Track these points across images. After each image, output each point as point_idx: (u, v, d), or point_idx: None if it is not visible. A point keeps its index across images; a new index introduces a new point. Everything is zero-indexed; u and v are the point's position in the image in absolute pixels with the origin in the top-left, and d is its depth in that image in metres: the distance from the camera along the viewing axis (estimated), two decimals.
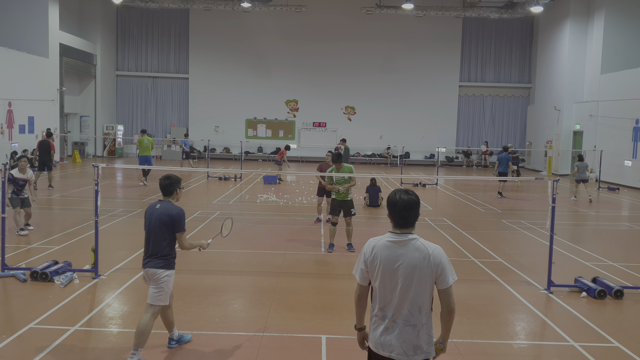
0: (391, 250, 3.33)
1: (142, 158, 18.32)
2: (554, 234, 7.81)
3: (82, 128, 31.27)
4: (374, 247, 3.38)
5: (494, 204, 16.74)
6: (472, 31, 33.11)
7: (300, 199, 16.46)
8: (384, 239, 3.38)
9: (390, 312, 3.33)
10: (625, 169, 23.01)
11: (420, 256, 3.28)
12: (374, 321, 3.42)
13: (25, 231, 10.37)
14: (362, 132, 32.69)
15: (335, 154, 9.93)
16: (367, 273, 3.41)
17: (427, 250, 3.30)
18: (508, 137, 33.62)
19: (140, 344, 5.01)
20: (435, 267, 3.29)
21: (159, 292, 5.17)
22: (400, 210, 3.36)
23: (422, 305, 3.31)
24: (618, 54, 25.05)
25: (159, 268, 5.15)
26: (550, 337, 6.18)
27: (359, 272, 3.46)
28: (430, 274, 3.29)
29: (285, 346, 5.69)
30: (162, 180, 5.36)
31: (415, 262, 3.28)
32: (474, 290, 7.78)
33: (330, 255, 9.64)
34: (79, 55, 29.06)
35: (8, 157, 22.04)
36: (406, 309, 3.30)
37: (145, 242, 5.27)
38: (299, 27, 32.33)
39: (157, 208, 5.25)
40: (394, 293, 3.31)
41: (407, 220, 3.37)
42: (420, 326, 3.31)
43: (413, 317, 3.30)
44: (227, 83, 33.06)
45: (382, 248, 3.35)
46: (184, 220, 5.25)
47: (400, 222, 3.37)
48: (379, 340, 3.36)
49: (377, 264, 3.34)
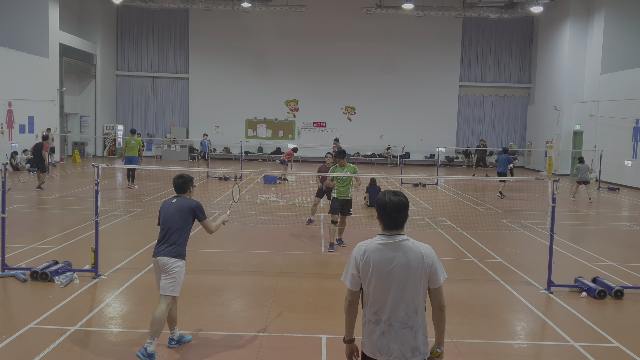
0: (383, 252, 3.29)
1: (127, 158, 17.55)
2: (554, 234, 7.81)
3: (82, 128, 31.28)
4: (365, 250, 3.32)
5: (494, 204, 16.74)
6: (472, 31, 33.11)
7: (300, 199, 16.46)
8: (375, 242, 3.34)
9: (385, 315, 3.29)
10: (625, 169, 23.01)
11: (414, 257, 3.26)
12: (368, 327, 3.37)
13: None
14: (362, 132, 32.70)
15: (340, 150, 9.93)
16: (359, 278, 3.34)
17: (420, 250, 3.29)
18: (508, 137, 33.63)
19: (156, 333, 5.11)
20: (429, 267, 3.28)
21: (172, 283, 5.26)
22: (391, 212, 3.33)
23: (418, 305, 3.29)
24: (618, 54, 25.05)
25: (171, 257, 5.26)
26: (550, 337, 6.18)
27: (350, 278, 3.37)
28: (424, 274, 3.27)
29: (285, 346, 5.69)
30: (177, 179, 5.58)
31: (409, 263, 3.25)
32: (474, 290, 7.78)
33: (330, 255, 9.64)
34: (79, 55, 29.06)
35: (8, 157, 22.06)
36: (402, 310, 3.27)
37: (160, 233, 5.41)
38: (299, 27, 32.33)
39: (174, 202, 5.46)
40: (388, 296, 3.27)
41: (397, 222, 3.34)
42: (417, 327, 3.29)
43: (410, 318, 3.28)
44: (227, 83, 33.07)
45: (374, 251, 3.30)
46: (203, 209, 5.55)
47: (391, 224, 3.34)
48: (376, 345, 3.30)
49: (370, 268, 3.28)
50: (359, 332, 3.42)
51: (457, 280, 8.22)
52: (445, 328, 3.45)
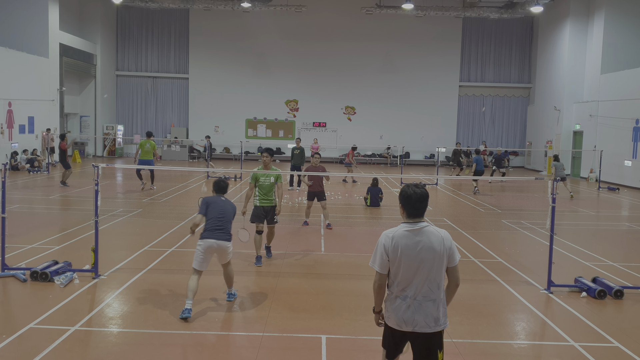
0: (409, 238, 3.76)
1: (141, 162, 17.60)
2: (554, 234, 7.81)
3: (82, 128, 31.28)
4: (393, 237, 3.79)
5: (494, 204, 16.74)
6: (472, 31, 33.11)
7: (300, 199, 16.47)
8: (401, 229, 3.81)
9: (411, 292, 3.76)
10: (625, 169, 23.01)
11: (436, 240, 3.76)
12: (394, 302, 3.83)
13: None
14: (362, 132, 32.70)
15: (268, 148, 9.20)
16: (389, 262, 3.79)
17: (440, 234, 3.80)
18: (508, 137, 33.65)
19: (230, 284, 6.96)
20: (448, 249, 3.79)
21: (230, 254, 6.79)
22: (415, 202, 3.80)
23: (440, 282, 3.79)
24: (618, 54, 25.05)
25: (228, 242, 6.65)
26: (550, 337, 6.18)
27: (379, 262, 3.81)
28: (445, 254, 3.77)
29: (285, 346, 5.69)
30: (222, 182, 6.91)
31: (432, 245, 3.74)
32: (474, 290, 7.78)
33: (330, 255, 9.64)
34: (79, 55, 29.06)
35: (8, 157, 22.06)
36: (426, 286, 3.75)
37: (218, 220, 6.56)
38: (299, 27, 32.33)
39: (223, 200, 6.79)
40: (416, 275, 3.75)
41: (419, 211, 3.82)
42: (439, 301, 3.78)
43: (433, 292, 3.76)
44: (227, 83, 33.07)
45: (401, 237, 3.77)
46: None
47: (414, 212, 3.82)
48: (402, 317, 3.78)
49: (399, 252, 3.74)
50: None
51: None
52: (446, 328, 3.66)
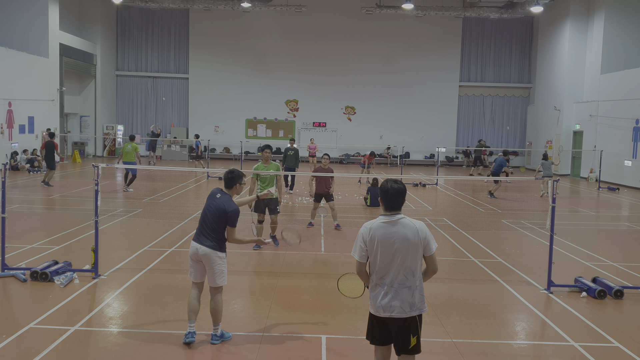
0: (386, 229, 4.02)
1: (124, 164, 17.92)
2: (554, 234, 7.81)
3: (82, 128, 31.27)
4: (371, 229, 4.05)
5: (494, 204, 16.74)
6: (472, 31, 33.10)
7: (300, 199, 16.47)
8: (378, 221, 4.06)
9: (388, 279, 4.02)
10: (625, 169, 23.01)
11: (410, 231, 4.01)
12: (374, 290, 4.08)
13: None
14: (362, 132, 32.70)
15: (266, 145, 9.80)
16: (366, 251, 4.05)
17: (415, 226, 4.03)
18: (508, 137, 33.64)
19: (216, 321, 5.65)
20: (423, 239, 4.02)
21: (219, 274, 5.60)
22: (391, 196, 4.06)
23: (415, 270, 4.03)
24: (618, 54, 25.04)
25: (211, 249, 5.52)
26: (550, 337, 6.18)
27: (359, 251, 4.08)
28: (419, 244, 4.01)
29: (285, 346, 5.69)
30: (227, 173, 5.72)
31: (406, 236, 3.99)
32: (474, 290, 7.78)
33: (330, 255, 9.64)
34: (79, 55, 29.06)
35: (8, 157, 22.05)
36: (402, 274, 4.00)
37: (200, 220, 5.64)
38: (299, 27, 32.32)
39: (218, 198, 5.61)
40: (392, 263, 4.00)
41: (396, 205, 4.08)
42: (414, 287, 4.03)
43: (408, 280, 4.01)
44: (227, 83, 33.07)
45: (377, 228, 4.04)
46: (237, 218, 5.58)
47: (391, 205, 4.07)
48: (380, 304, 4.03)
49: (376, 242, 4.01)
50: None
51: (457, 280, 8.23)
52: (445, 328, 3.68)
